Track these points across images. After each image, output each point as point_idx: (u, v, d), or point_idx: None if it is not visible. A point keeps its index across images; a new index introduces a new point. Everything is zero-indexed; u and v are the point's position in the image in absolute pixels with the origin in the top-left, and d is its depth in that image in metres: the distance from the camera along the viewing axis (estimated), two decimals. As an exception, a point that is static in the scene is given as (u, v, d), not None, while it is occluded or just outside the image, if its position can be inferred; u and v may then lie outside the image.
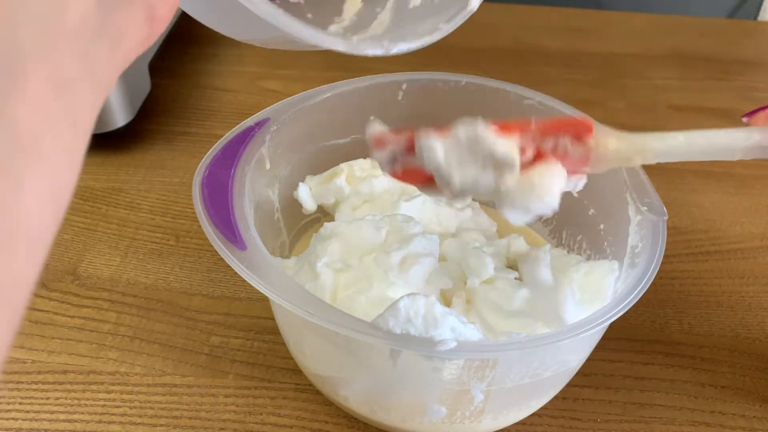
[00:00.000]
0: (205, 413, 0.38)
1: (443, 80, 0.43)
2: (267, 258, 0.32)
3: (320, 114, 0.42)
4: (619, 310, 0.31)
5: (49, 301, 0.43)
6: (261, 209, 0.40)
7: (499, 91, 0.42)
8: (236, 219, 0.33)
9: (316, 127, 0.43)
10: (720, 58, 0.72)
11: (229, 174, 0.35)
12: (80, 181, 0.57)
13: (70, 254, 0.46)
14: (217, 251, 0.32)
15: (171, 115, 0.60)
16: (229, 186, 0.35)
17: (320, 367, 0.36)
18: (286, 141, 0.41)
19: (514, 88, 0.42)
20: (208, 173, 0.35)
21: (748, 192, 0.55)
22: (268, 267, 0.31)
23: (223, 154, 0.37)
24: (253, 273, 0.31)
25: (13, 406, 0.38)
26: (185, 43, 0.69)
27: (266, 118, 0.39)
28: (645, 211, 0.36)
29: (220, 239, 0.32)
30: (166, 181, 0.53)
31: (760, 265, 0.48)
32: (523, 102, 0.42)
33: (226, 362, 0.40)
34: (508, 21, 0.76)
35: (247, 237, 0.32)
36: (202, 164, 0.36)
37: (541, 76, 0.67)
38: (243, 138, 0.38)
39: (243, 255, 0.31)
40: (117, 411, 0.38)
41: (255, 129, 0.38)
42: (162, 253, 0.47)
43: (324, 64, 0.67)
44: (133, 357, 0.40)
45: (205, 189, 0.34)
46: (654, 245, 0.34)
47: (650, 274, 0.33)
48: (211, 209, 0.33)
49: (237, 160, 0.36)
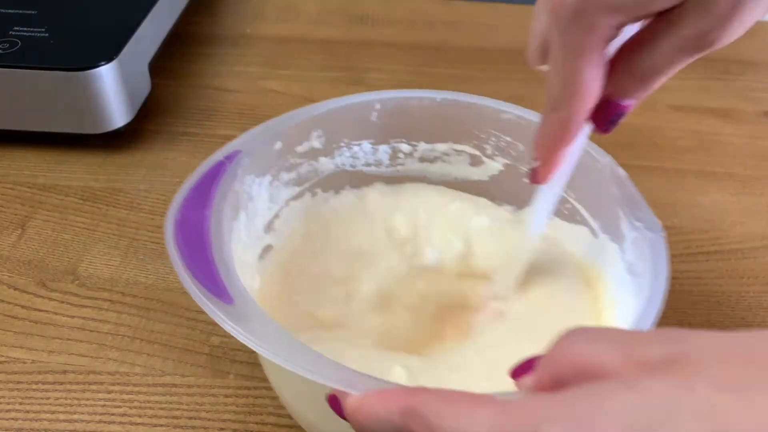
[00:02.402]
0: (205, 413, 0.38)
1: (418, 97, 0.42)
2: (256, 310, 0.29)
3: (292, 139, 0.40)
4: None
5: (49, 301, 0.43)
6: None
7: (474, 105, 0.41)
8: (218, 269, 0.30)
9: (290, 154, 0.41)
10: (720, 58, 0.72)
11: (203, 216, 0.32)
12: (80, 181, 0.57)
13: (70, 254, 0.46)
14: (203, 309, 0.29)
15: (171, 115, 0.60)
16: (206, 231, 0.32)
17: (320, 419, 0.34)
18: (260, 172, 0.39)
19: (491, 102, 0.41)
20: (181, 218, 0.32)
21: (748, 192, 0.55)
22: (259, 320, 0.29)
23: (194, 194, 0.33)
24: (244, 330, 0.28)
25: (13, 406, 0.38)
26: (185, 43, 0.69)
27: (236, 151, 0.36)
28: (641, 227, 0.34)
29: (205, 295, 0.29)
30: (166, 181, 0.53)
31: (761, 265, 0.48)
32: (500, 116, 0.41)
33: (226, 362, 0.40)
34: (507, 21, 0.76)
35: (231, 288, 0.29)
36: (172, 208, 0.32)
37: (540, 76, 0.67)
38: (213, 174, 0.35)
39: (231, 309, 0.29)
40: (117, 411, 0.38)
41: (225, 164, 0.36)
42: (162, 253, 0.47)
43: (324, 65, 0.68)
44: (133, 357, 0.40)
45: (179, 235, 0.31)
46: (658, 265, 0.32)
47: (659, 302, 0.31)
48: (189, 259, 0.30)
49: (210, 199, 0.33)
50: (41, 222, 0.49)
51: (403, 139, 0.43)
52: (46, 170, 0.53)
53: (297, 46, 0.70)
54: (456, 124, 0.42)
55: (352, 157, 0.43)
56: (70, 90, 0.50)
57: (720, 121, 0.62)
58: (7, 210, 0.50)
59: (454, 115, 0.42)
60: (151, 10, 0.57)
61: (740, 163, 0.58)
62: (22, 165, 0.54)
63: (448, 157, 0.44)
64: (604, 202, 0.37)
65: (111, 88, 0.51)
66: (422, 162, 0.44)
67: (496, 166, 0.43)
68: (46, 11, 0.56)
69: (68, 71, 0.50)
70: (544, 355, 0.23)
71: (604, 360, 0.20)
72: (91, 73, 0.50)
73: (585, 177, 0.37)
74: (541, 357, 0.23)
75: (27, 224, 0.49)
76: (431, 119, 0.42)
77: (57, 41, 0.52)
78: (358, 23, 0.75)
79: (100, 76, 0.50)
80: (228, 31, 0.72)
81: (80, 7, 0.57)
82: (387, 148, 0.43)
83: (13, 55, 0.51)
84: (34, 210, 0.50)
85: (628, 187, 0.36)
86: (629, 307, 0.33)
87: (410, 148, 0.43)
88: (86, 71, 0.50)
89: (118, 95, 0.52)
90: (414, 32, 0.73)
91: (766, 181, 0.56)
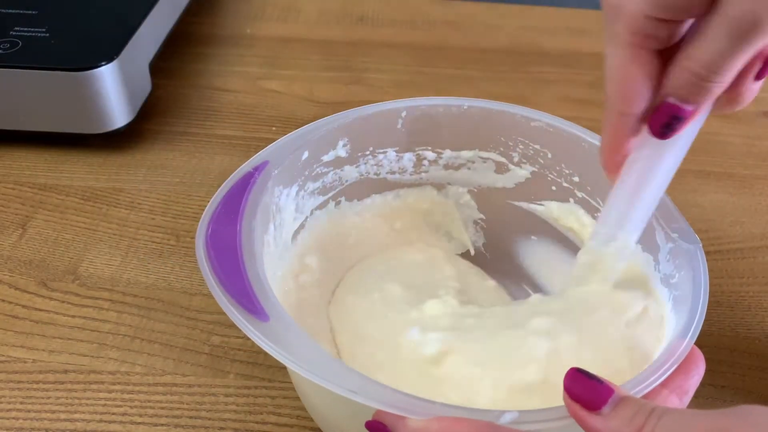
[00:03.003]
0: (206, 413, 0.38)
1: (444, 105, 0.41)
2: (293, 327, 0.29)
3: (319, 149, 0.39)
4: (676, 358, 0.29)
5: (50, 301, 0.43)
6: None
7: (504, 113, 0.41)
8: (252, 285, 0.29)
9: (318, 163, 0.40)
10: (720, 59, 0.72)
11: (234, 231, 0.31)
12: (81, 180, 0.57)
13: (71, 254, 0.47)
14: (240, 328, 0.28)
15: (171, 115, 0.60)
16: (237, 245, 0.31)
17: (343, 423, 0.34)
18: (287, 182, 0.38)
19: (520, 110, 0.40)
20: (211, 232, 0.31)
21: (748, 192, 0.55)
22: (296, 338, 0.28)
23: (224, 208, 0.33)
24: (283, 350, 0.27)
25: (14, 405, 0.38)
26: (186, 43, 0.69)
27: (264, 162, 0.36)
28: (676, 238, 0.34)
29: (240, 312, 0.28)
30: (166, 181, 0.53)
31: (760, 264, 0.49)
32: (530, 124, 0.40)
33: (226, 362, 0.40)
34: (507, 21, 0.76)
35: (267, 306, 0.29)
36: (202, 222, 0.32)
37: (540, 76, 0.67)
38: (243, 186, 0.34)
39: (267, 327, 0.28)
40: (118, 410, 0.38)
41: (255, 174, 0.35)
42: (162, 252, 0.47)
43: (324, 65, 0.68)
44: (133, 356, 0.41)
45: (211, 252, 0.30)
46: (696, 278, 0.32)
47: (699, 316, 0.31)
48: (222, 275, 0.29)
49: (241, 214, 0.33)
50: (42, 222, 0.49)
51: (428, 147, 0.42)
52: (46, 170, 0.53)
53: (297, 46, 0.70)
54: (483, 131, 0.41)
55: (376, 165, 0.42)
56: (70, 90, 0.50)
57: (719, 121, 0.62)
58: (7, 210, 0.50)
59: (481, 123, 0.41)
60: (152, 10, 0.57)
61: (740, 163, 0.58)
62: (23, 165, 0.54)
63: (473, 165, 0.43)
64: None
65: (111, 88, 0.51)
66: (446, 169, 0.43)
67: (524, 174, 0.42)
68: (46, 11, 0.56)
69: (69, 71, 0.50)
70: (624, 398, 0.23)
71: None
72: (92, 73, 0.50)
73: None
74: (612, 392, 0.23)
75: (28, 224, 0.49)
76: (458, 126, 0.41)
77: (58, 41, 0.52)
78: (358, 23, 0.75)
79: (100, 76, 0.50)
80: (228, 31, 0.72)
81: (81, 7, 0.57)
82: (411, 156, 0.42)
83: (14, 55, 0.51)
84: (34, 210, 0.50)
85: (663, 199, 0.35)
86: (668, 317, 0.34)
87: (435, 156, 0.43)
88: (87, 71, 0.50)
89: (119, 95, 0.52)
90: (414, 32, 0.73)
91: (765, 180, 0.56)
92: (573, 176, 0.40)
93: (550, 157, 0.41)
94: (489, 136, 0.42)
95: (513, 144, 0.41)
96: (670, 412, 0.22)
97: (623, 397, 0.23)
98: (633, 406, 0.23)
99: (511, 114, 0.40)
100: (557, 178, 0.41)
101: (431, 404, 0.26)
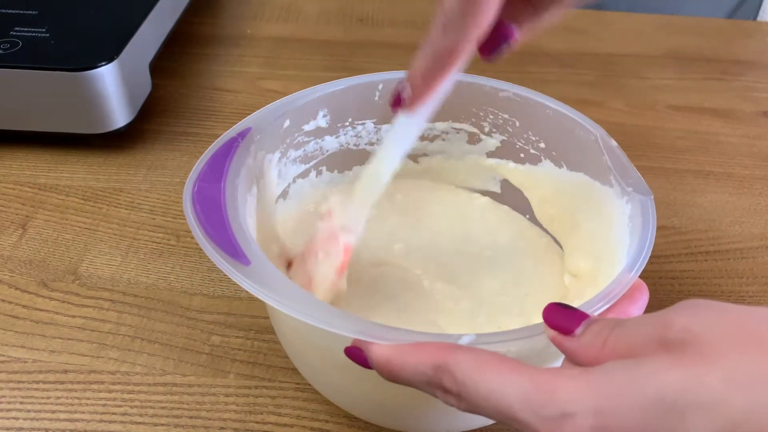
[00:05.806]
0: (206, 412, 0.38)
1: None
2: (273, 271, 0.31)
3: (300, 118, 0.42)
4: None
5: (50, 301, 0.43)
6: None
7: (474, 85, 0.43)
8: (234, 233, 0.32)
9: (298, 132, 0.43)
10: (719, 59, 0.72)
11: (219, 188, 0.34)
12: (81, 181, 0.57)
13: (71, 254, 0.47)
14: (222, 269, 0.30)
15: (172, 116, 0.60)
16: (221, 200, 0.34)
17: (328, 375, 0.35)
18: (270, 148, 0.40)
19: (489, 81, 0.43)
20: (197, 189, 0.34)
21: (747, 192, 0.55)
22: (276, 280, 0.30)
23: (209, 168, 0.36)
24: (262, 288, 0.29)
25: (14, 405, 0.38)
26: (186, 43, 0.69)
27: (248, 128, 0.39)
28: (631, 191, 0.36)
29: (224, 257, 0.31)
30: (167, 181, 0.53)
31: (760, 264, 0.49)
32: (499, 94, 0.43)
33: (226, 362, 0.41)
34: (508, 21, 0.76)
35: (248, 251, 0.31)
36: (189, 179, 0.35)
37: (540, 76, 0.67)
38: (227, 150, 0.37)
39: (248, 270, 0.30)
40: (118, 410, 0.38)
41: (238, 139, 0.38)
42: (163, 252, 0.47)
43: (324, 65, 0.68)
44: (133, 356, 0.41)
45: (197, 205, 0.33)
46: (645, 224, 0.34)
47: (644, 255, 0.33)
48: (207, 226, 0.32)
49: (225, 172, 0.36)
50: (42, 222, 0.49)
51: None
52: (47, 170, 0.53)
53: (297, 46, 0.70)
54: (456, 103, 0.43)
55: (355, 137, 0.44)
56: (70, 90, 0.50)
57: (719, 121, 0.62)
58: (8, 210, 0.50)
59: (454, 95, 0.42)
60: (152, 10, 0.57)
61: (739, 163, 0.58)
62: (23, 165, 0.54)
63: (447, 135, 0.45)
64: (597, 170, 0.39)
65: (112, 88, 0.51)
66: (422, 141, 0.45)
67: (494, 143, 0.45)
68: (47, 12, 0.56)
69: (69, 71, 0.50)
70: (593, 319, 0.26)
71: (636, 341, 0.23)
72: (92, 73, 0.50)
73: (579, 148, 0.40)
74: (587, 316, 0.26)
75: (28, 224, 0.49)
76: None
77: (58, 41, 0.52)
78: (358, 23, 0.75)
79: (100, 76, 0.50)
80: (228, 31, 0.72)
81: (81, 7, 0.57)
82: (389, 128, 0.44)
83: (14, 56, 0.51)
84: (35, 210, 0.50)
85: (619, 156, 0.38)
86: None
87: None
88: (87, 71, 0.50)
89: (119, 95, 0.52)
90: (414, 32, 0.73)
91: (764, 180, 0.56)
92: (539, 143, 0.43)
93: (518, 126, 0.43)
94: (462, 108, 0.44)
95: (484, 114, 0.44)
96: (626, 320, 0.25)
97: (593, 319, 0.26)
98: (600, 323, 0.26)
99: (480, 85, 0.43)
100: (525, 145, 0.43)
101: (396, 330, 0.28)
